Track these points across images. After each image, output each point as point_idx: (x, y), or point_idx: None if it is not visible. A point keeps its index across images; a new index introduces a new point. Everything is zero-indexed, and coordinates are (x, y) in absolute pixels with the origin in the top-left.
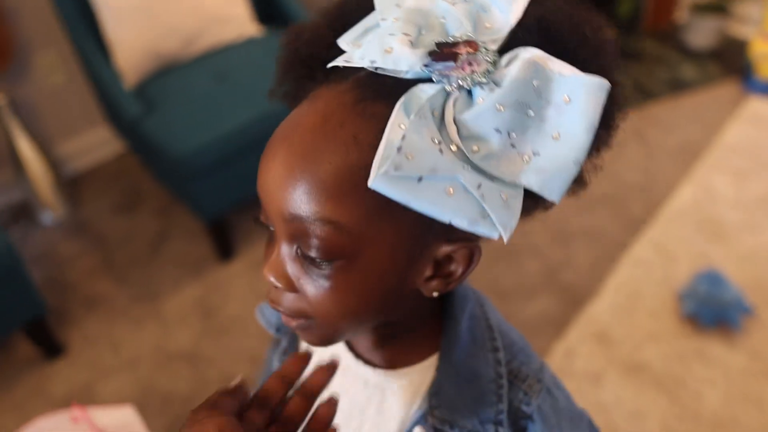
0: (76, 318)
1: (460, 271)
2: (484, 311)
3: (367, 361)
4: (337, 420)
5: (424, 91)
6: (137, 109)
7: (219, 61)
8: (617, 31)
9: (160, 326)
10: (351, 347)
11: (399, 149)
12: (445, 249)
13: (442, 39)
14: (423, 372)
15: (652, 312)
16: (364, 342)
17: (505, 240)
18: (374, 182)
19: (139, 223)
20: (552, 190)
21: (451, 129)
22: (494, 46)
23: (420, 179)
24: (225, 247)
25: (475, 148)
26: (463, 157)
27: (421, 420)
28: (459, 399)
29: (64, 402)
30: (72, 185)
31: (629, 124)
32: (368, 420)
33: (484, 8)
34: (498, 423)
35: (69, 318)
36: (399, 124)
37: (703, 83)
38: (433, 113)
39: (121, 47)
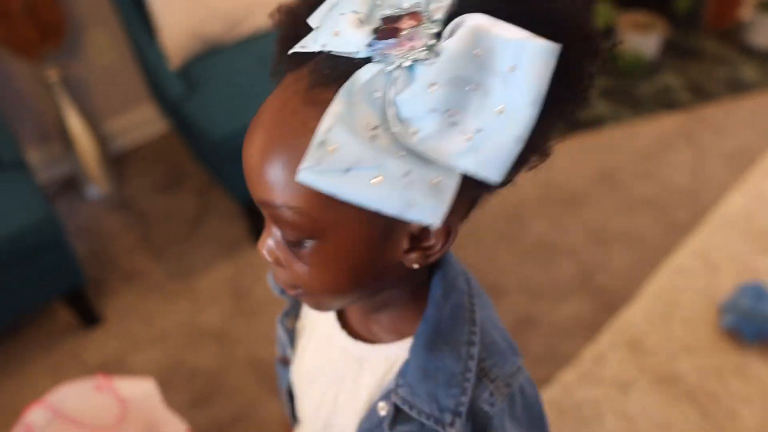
0: (113, 290)
1: (439, 245)
2: (471, 303)
3: (353, 333)
4: (318, 387)
5: (364, 74)
6: (180, 90)
7: (262, 45)
8: (674, 27)
9: (192, 303)
10: (341, 317)
11: (321, 143)
12: (418, 224)
13: (391, 12)
14: (400, 350)
15: (690, 323)
16: (352, 314)
17: (434, 227)
18: (300, 177)
19: (179, 202)
20: (489, 170)
21: (390, 111)
22: (440, 15)
23: (347, 170)
24: (260, 228)
25: (413, 129)
26: (399, 142)
27: (387, 396)
28: (422, 383)
29: (97, 369)
30: (117, 162)
31: (679, 125)
32: (344, 390)
33: None
34: (456, 414)
35: (107, 289)
36: (334, 112)
37: (764, 85)
38: (374, 96)
39: (166, 28)
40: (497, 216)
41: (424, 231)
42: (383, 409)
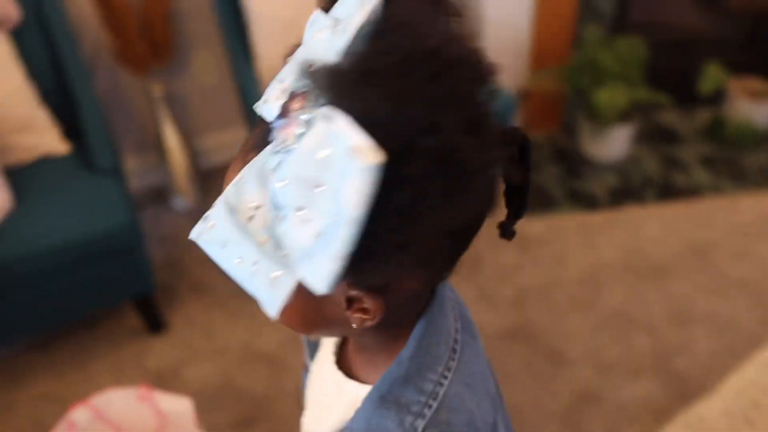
0: (182, 299)
1: (377, 311)
2: (443, 375)
3: (340, 361)
4: (312, 403)
5: (265, 151)
6: None
7: None
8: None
9: (252, 324)
10: (340, 348)
11: (205, 218)
12: (349, 291)
13: (295, 89)
14: (365, 394)
15: None
16: (346, 344)
17: (271, 317)
18: (193, 238)
19: None
20: (315, 281)
21: (269, 193)
22: (322, 100)
23: (223, 246)
24: None
25: (281, 216)
26: (270, 226)
27: None
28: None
29: (153, 375)
30: (205, 177)
31: None
32: (324, 413)
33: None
34: None
35: (176, 298)
36: (231, 185)
37: None
38: (264, 174)
39: (264, 56)
40: (571, 278)
41: (356, 297)
42: None
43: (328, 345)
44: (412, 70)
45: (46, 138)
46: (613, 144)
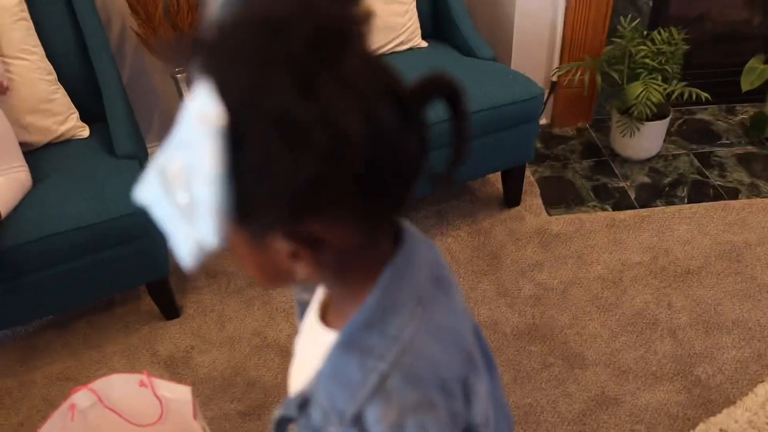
0: (197, 287)
1: (313, 261)
2: (404, 323)
3: (325, 317)
4: (297, 357)
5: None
6: None
7: None
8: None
9: (265, 313)
10: (324, 303)
11: (143, 177)
12: (284, 244)
13: None
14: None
15: None
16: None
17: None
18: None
19: None
20: (204, 238)
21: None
22: None
23: (156, 204)
24: None
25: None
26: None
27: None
28: (329, 379)
29: (164, 361)
30: None
31: None
32: (310, 366)
33: None
34: (341, 416)
35: (190, 286)
36: None
37: None
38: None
39: None
40: (595, 278)
41: (293, 247)
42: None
43: (315, 301)
44: (247, 35)
45: (64, 120)
46: (646, 140)
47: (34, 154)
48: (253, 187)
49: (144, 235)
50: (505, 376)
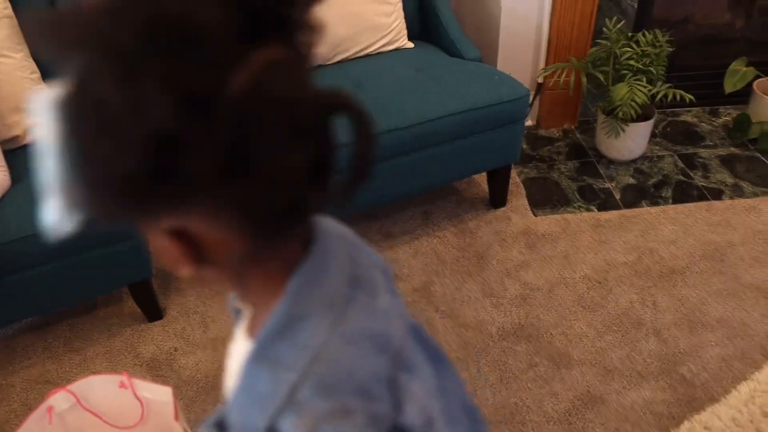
0: (180, 288)
1: (183, 255)
2: (317, 329)
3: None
4: (228, 369)
5: None
6: None
7: (360, 67)
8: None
9: None
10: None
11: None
12: (156, 234)
13: None
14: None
15: None
16: None
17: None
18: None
19: None
20: (52, 219)
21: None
22: None
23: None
24: None
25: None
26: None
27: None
28: (239, 397)
29: (147, 363)
30: None
31: None
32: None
33: None
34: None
35: (173, 287)
36: None
37: None
38: None
39: None
40: (580, 278)
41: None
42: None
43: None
44: (89, 17)
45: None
46: (630, 141)
47: (15, 153)
48: (83, 173)
49: (126, 236)
50: (491, 376)
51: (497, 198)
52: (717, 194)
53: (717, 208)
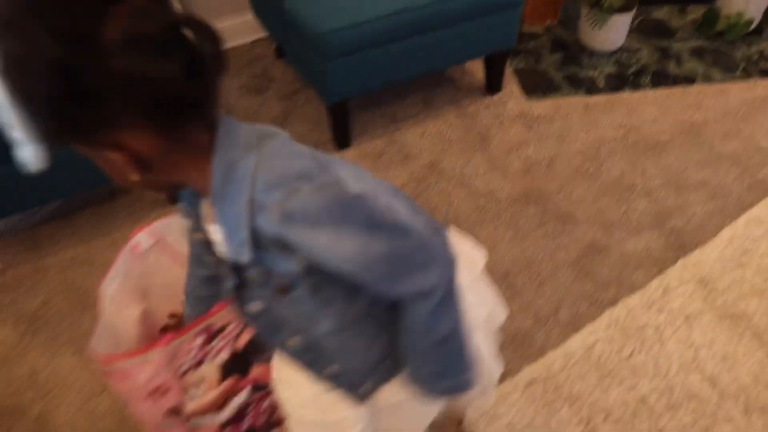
0: None
1: (127, 163)
2: (249, 163)
3: None
4: None
5: None
6: None
7: None
8: None
9: None
10: None
11: None
12: (98, 150)
13: None
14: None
15: (764, 271)
16: None
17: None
18: None
19: (265, 104)
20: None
21: None
22: None
23: None
24: (343, 135)
25: None
26: None
27: None
28: (226, 238)
29: None
30: None
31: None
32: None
33: None
34: (240, 245)
35: None
36: None
37: None
38: None
39: None
40: (575, 152)
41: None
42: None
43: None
44: None
45: None
46: (612, 32)
47: None
48: (24, 108)
49: None
50: (506, 234)
51: (493, 83)
52: (690, 81)
53: (691, 93)
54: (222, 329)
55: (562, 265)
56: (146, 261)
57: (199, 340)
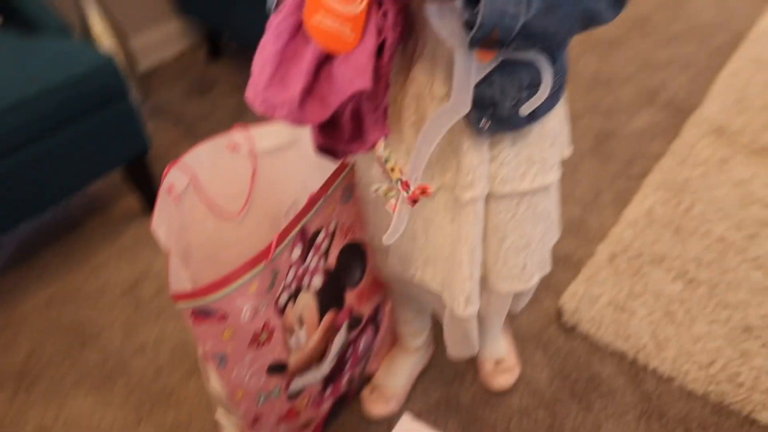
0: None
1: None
2: None
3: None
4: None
5: None
6: None
7: None
8: None
9: None
10: None
11: None
12: None
13: None
14: None
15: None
16: None
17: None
18: None
19: (216, 101)
20: None
21: None
22: None
23: None
24: None
25: None
26: None
27: None
28: None
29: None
30: (144, 79)
31: None
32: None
33: None
34: None
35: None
36: None
37: None
38: None
39: None
40: None
41: None
42: None
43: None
44: None
45: None
46: None
47: None
48: None
49: (114, 95)
50: None
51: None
52: None
53: None
54: (316, 235)
55: (583, 156)
56: (183, 208)
57: (297, 251)
